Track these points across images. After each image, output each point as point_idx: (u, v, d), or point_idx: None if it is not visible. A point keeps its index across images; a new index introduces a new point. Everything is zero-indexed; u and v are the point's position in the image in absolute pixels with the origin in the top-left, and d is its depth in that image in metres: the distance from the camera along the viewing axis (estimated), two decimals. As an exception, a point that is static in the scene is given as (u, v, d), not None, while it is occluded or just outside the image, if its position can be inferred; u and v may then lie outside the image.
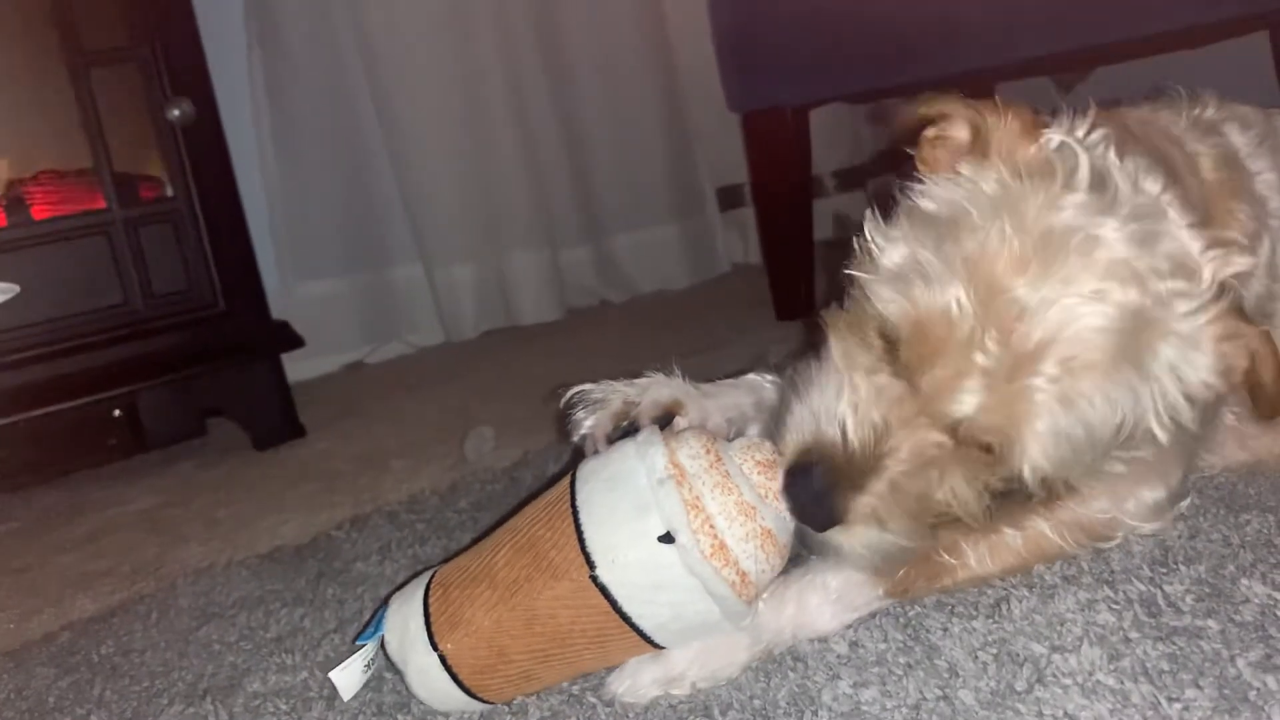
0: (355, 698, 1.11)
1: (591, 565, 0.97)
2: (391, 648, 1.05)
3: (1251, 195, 1.18)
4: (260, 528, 1.83)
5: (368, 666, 1.10)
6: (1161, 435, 0.96)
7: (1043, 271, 0.90)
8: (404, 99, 3.16)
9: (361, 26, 3.11)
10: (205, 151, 2.30)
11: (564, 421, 1.28)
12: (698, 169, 3.89)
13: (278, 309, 2.69)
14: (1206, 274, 0.95)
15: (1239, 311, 0.97)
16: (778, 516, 1.01)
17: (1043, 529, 1.10)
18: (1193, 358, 0.95)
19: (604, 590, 0.97)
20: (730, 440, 1.09)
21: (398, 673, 1.07)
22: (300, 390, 2.61)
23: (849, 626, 1.06)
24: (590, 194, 3.62)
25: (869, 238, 1.01)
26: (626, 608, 0.98)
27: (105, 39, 2.23)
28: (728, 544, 0.97)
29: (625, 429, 1.22)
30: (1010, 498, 1.04)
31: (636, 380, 1.28)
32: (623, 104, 3.64)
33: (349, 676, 1.08)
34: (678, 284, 3.79)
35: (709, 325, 2.99)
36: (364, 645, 1.09)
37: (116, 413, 2.24)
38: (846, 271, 1.02)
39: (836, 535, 0.98)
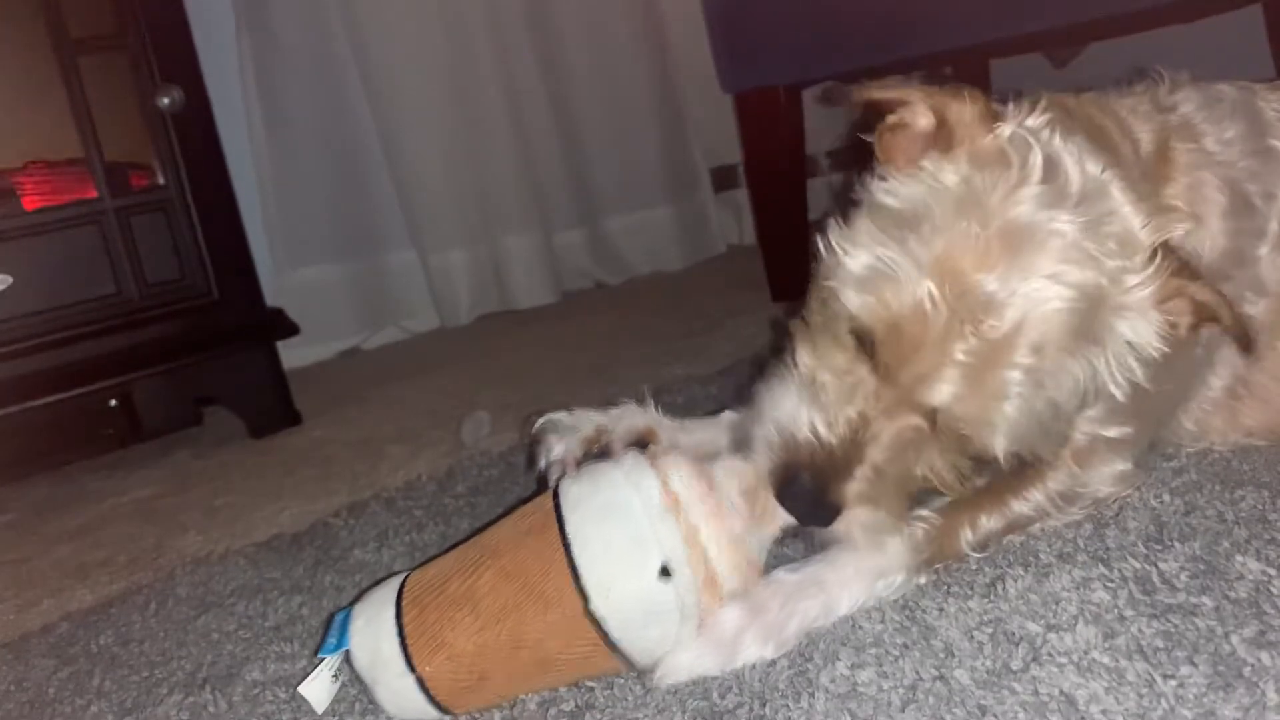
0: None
1: (586, 598, 0.97)
2: (360, 664, 1.03)
3: (1191, 164, 1.21)
4: (257, 516, 1.83)
5: (335, 677, 1.08)
6: (1118, 394, 1.02)
7: (1006, 264, 0.94)
8: (394, 83, 3.15)
9: (351, 10, 3.09)
10: (196, 139, 2.28)
11: (532, 447, 1.27)
12: (692, 150, 3.87)
13: (272, 296, 2.69)
14: (1146, 244, 1.01)
15: (1184, 269, 1.01)
16: (761, 543, 1.04)
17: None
18: (1140, 327, 1.00)
19: (597, 623, 0.98)
20: (712, 464, 1.08)
21: (363, 685, 1.05)
22: (296, 377, 2.60)
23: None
24: (584, 176, 3.61)
25: (833, 243, 1.03)
26: (616, 637, 0.98)
27: (93, 27, 2.21)
28: (717, 577, 1.00)
29: (595, 456, 1.20)
30: (983, 466, 1.09)
31: (609, 409, 1.29)
32: (615, 85, 3.62)
33: (319, 689, 1.06)
34: (673, 266, 3.78)
35: (704, 306, 2.98)
36: (327, 658, 1.06)
37: (112, 403, 2.24)
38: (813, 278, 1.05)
39: (840, 525, 1.02)
